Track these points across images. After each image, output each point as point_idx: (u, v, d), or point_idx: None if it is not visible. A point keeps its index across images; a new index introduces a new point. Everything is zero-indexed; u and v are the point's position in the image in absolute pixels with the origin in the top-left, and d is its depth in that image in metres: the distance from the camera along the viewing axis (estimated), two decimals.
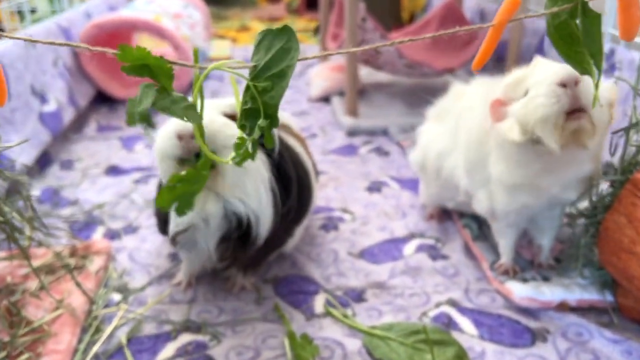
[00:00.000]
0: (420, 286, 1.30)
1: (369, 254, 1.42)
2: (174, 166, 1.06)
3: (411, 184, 1.79)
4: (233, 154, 0.87)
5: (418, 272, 1.35)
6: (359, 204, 1.69)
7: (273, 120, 0.87)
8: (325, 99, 2.68)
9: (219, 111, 1.10)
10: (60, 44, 0.83)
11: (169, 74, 0.78)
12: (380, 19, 3.62)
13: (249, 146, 0.84)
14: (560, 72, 1.02)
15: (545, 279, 1.28)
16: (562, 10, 0.88)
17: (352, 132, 2.26)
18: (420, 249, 1.45)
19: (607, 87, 1.08)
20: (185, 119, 0.80)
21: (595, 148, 1.11)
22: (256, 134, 0.83)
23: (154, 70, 0.78)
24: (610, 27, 1.92)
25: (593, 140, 1.05)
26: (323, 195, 1.73)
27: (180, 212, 0.97)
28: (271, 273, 1.35)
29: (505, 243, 1.30)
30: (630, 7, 0.85)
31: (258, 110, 0.88)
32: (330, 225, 1.56)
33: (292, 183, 1.22)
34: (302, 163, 1.32)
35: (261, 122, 0.81)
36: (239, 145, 0.84)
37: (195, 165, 0.94)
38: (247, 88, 0.86)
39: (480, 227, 1.48)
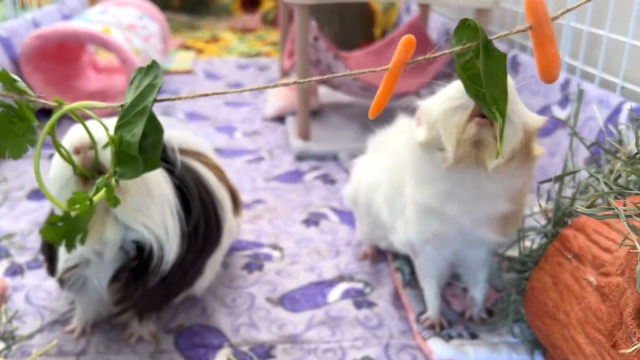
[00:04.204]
0: (337, 340, 1.18)
1: (289, 300, 1.31)
2: (76, 186, 0.95)
3: (351, 217, 1.68)
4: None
5: (338, 322, 1.23)
6: (292, 239, 1.57)
7: (133, 163, 0.76)
8: (281, 119, 2.57)
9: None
10: None
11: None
12: (351, 35, 3.54)
13: (89, 203, 0.73)
14: None
15: (473, 336, 1.17)
16: (467, 49, 0.78)
17: (301, 157, 2.14)
18: (346, 294, 1.33)
19: (532, 116, 0.97)
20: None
21: (511, 186, 1.00)
22: (95, 193, 0.73)
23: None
24: (566, 56, 1.83)
25: (494, 161, 0.92)
26: (254, 228, 1.62)
27: (69, 247, 0.87)
28: (176, 321, 1.23)
29: (428, 290, 1.20)
30: (544, 44, 0.75)
31: (126, 155, 0.79)
32: (255, 264, 1.44)
33: (194, 202, 1.11)
34: (210, 189, 1.21)
35: (99, 180, 0.71)
36: (77, 200, 0.73)
37: (98, 181, 0.85)
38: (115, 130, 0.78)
39: (412, 271, 1.37)
